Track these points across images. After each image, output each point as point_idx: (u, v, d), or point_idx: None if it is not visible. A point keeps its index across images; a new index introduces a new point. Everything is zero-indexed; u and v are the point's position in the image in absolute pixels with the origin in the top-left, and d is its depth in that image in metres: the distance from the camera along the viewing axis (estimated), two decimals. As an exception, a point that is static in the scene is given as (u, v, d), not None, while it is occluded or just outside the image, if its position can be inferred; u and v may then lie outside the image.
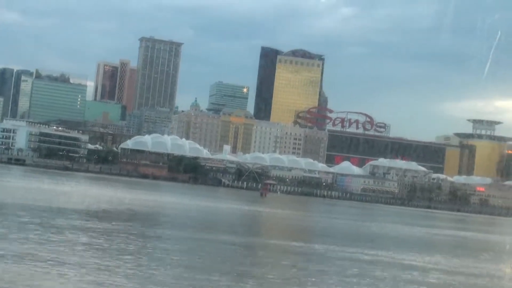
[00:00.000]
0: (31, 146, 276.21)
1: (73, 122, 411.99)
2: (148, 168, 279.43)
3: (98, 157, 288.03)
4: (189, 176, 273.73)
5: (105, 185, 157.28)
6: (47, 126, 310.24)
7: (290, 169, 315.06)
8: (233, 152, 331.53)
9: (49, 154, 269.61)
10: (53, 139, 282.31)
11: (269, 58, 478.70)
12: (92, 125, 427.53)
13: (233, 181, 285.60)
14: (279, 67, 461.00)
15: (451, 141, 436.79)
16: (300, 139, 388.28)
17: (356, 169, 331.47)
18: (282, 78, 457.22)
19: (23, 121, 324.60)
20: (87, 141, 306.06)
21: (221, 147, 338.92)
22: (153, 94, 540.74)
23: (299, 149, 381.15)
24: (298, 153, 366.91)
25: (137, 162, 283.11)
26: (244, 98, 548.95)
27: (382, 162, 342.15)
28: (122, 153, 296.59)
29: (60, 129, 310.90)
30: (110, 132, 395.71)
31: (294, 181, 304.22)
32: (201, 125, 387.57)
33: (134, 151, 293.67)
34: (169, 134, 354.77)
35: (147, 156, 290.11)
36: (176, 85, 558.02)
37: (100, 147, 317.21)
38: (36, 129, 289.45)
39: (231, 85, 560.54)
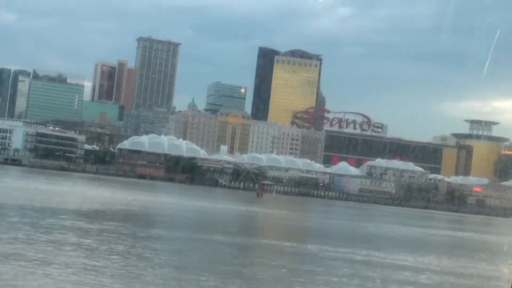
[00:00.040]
0: (28, 146, 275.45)
1: (70, 122, 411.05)
2: (145, 168, 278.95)
3: (95, 157, 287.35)
4: (186, 177, 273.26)
5: (101, 186, 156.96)
6: (43, 126, 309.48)
7: (287, 169, 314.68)
8: (230, 153, 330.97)
9: (45, 155, 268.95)
10: (49, 139, 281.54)
11: (266, 58, 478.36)
12: (89, 125, 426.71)
13: (230, 181, 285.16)
14: (276, 67, 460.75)
15: (448, 142, 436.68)
16: (297, 140, 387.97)
17: (353, 170, 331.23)
18: (279, 78, 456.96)
19: (19, 121, 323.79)
20: (84, 141, 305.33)
21: (218, 148, 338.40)
22: (151, 94, 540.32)
23: (296, 149, 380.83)
24: (295, 154, 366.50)
25: (134, 163, 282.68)
26: (242, 98, 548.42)
27: (379, 162, 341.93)
28: (119, 153, 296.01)
29: (56, 129, 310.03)
30: (107, 133, 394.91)
31: (291, 182, 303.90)
32: (198, 125, 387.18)
33: (131, 151, 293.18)
34: (166, 134, 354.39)
35: (144, 157, 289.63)
36: (174, 85, 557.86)
37: (97, 147, 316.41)
38: (32, 129, 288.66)
39: (228, 85, 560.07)
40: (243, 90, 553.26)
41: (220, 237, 63.82)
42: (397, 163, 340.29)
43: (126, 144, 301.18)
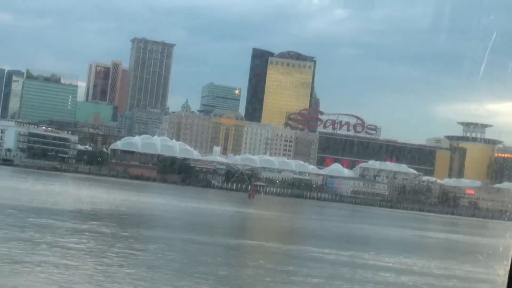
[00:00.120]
0: (20, 146, 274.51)
1: (64, 122, 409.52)
2: (138, 169, 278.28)
3: (87, 158, 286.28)
4: (179, 177, 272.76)
5: (92, 186, 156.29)
6: (36, 127, 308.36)
7: (280, 170, 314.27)
8: (223, 154, 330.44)
9: (38, 155, 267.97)
10: (42, 139, 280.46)
11: (261, 60, 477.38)
12: (83, 125, 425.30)
13: (222, 182, 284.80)
14: (270, 68, 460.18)
15: (441, 144, 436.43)
16: (291, 141, 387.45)
17: (346, 171, 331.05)
18: (273, 79, 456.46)
19: (12, 121, 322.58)
20: (77, 141, 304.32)
21: (211, 149, 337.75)
22: (145, 95, 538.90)
23: (289, 151, 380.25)
24: (288, 155, 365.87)
25: (127, 163, 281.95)
26: (236, 100, 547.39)
27: (372, 164, 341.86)
28: (112, 154, 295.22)
29: (49, 129, 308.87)
30: (100, 133, 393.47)
31: (284, 183, 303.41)
32: (191, 126, 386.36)
33: (124, 152, 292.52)
34: (160, 135, 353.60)
35: (137, 157, 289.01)
36: (168, 86, 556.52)
37: (90, 147, 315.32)
38: (25, 129, 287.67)
39: (222, 87, 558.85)
40: (237, 91, 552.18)
41: (205, 238, 63.38)
42: (390, 165, 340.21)
43: (119, 145, 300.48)
